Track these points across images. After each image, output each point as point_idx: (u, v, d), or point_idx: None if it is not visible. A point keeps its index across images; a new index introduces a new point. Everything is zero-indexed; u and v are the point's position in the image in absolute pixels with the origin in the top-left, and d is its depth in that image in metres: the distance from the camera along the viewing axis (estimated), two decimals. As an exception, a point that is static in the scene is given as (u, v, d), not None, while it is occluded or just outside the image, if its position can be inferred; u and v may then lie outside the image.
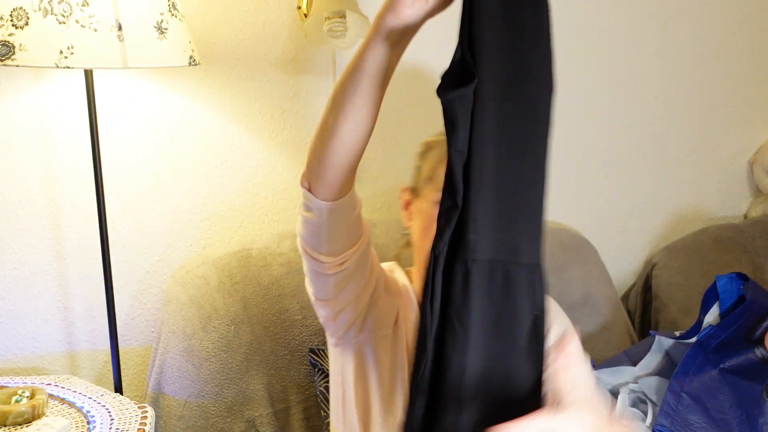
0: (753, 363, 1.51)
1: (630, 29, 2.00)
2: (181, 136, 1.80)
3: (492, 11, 0.99)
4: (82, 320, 1.83)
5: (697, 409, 1.49)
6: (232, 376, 1.62)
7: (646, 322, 1.99)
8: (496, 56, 0.99)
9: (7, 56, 1.39)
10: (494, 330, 0.96)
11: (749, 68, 2.11)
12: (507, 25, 0.99)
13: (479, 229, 0.94)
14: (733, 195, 2.18)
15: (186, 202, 1.83)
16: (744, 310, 1.52)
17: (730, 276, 1.57)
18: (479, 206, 0.94)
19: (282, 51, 1.81)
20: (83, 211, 1.77)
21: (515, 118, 0.97)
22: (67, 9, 1.37)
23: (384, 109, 1.96)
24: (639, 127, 2.07)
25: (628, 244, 2.13)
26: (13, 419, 1.40)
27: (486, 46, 1.00)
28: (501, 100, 0.97)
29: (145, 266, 1.84)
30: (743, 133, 2.15)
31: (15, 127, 1.72)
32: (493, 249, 0.95)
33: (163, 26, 1.45)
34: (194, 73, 1.76)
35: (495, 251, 0.95)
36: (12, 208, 1.75)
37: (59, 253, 1.79)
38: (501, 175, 0.95)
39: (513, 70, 0.98)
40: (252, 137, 1.83)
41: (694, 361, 1.52)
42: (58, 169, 1.75)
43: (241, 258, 1.71)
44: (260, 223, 1.89)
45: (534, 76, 1.01)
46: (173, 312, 1.66)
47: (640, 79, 2.04)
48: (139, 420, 1.46)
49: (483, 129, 0.95)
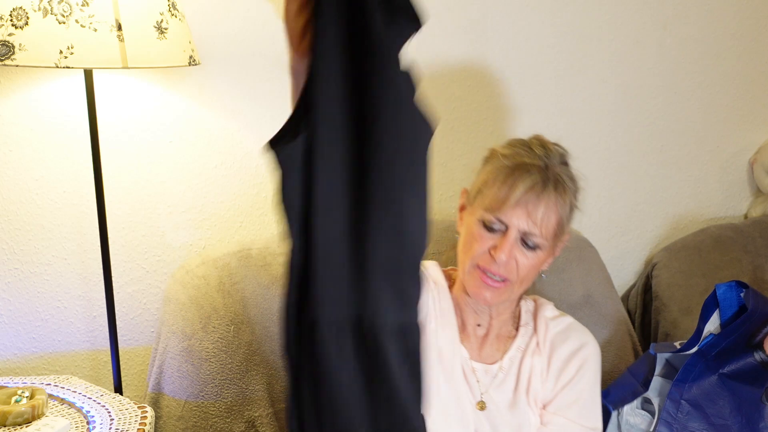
0: (752, 367, 1.50)
1: (630, 29, 2.00)
2: (181, 136, 1.80)
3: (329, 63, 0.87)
4: (82, 320, 1.83)
5: (697, 415, 1.49)
6: (232, 377, 1.62)
7: (647, 322, 1.99)
8: (335, 107, 0.87)
9: (6, 56, 1.39)
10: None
11: (749, 68, 2.11)
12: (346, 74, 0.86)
13: (327, 286, 0.84)
14: (733, 195, 2.18)
15: (186, 201, 1.83)
16: (745, 319, 1.51)
17: (730, 284, 1.57)
18: (326, 262, 0.84)
19: (282, 51, 1.80)
20: (83, 211, 1.77)
21: (370, 166, 0.84)
22: (67, 9, 1.37)
23: (384, 109, 1.95)
24: (639, 127, 2.07)
25: (628, 244, 2.13)
26: (12, 419, 1.40)
27: (324, 97, 0.88)
28: (346, 149, 0.85)
29: (145, 266, 1.84)
30: (743, 133, 2.15)
31: (15, 127, 1.71)
32: (344, 307, 0.84)
33: (163, 26, 1.45)
34: (194, 73, 1.76)
35: (347, 310, 0.84)
36: (12, 208, 1.75)
37: (59, 253, 1.79)
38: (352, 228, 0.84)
39: (356, 118, 0.86)
40: (252, 137, 1.83)
41: (694, 368, 1.51)
42: (58, 169, 1.75)
43: (241, 258, 1.71)
44: (260, 223, 1.89)
45: (383, 121, 0.85)
46: (173, 312, 1.66)
47: (640, 79, 2.04)
48: (138, 420, 1.46)
49: (326, 176, 0.85)
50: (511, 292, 1.37)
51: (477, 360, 1.42)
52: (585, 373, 1.41)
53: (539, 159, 1.33)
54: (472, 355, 1.42)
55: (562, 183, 1.34)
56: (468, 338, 1.43)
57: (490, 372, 1.41)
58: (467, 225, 1.37)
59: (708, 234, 2.01)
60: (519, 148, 1.36)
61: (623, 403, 1.58)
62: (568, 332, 1.44)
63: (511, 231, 1.31)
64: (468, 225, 1.36)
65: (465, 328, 1.44)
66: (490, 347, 1.43)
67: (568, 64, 1.99)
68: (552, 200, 1.32)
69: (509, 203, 1.30)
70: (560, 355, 1.42)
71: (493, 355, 1.43)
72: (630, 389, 1.58)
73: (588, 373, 1.42)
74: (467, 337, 1.43)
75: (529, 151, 1.35)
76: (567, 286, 1.82)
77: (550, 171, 1.33)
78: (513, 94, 1.97)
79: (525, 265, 1.33)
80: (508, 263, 1.32)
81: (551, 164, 1.34)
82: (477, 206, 1.35)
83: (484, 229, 1.33)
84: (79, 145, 1.73)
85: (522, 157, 1.33)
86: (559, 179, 1.33)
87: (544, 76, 1.98)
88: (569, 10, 1.95)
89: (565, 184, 1.34)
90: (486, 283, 1.34)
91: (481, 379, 1.40)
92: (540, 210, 1.31)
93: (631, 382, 1.59)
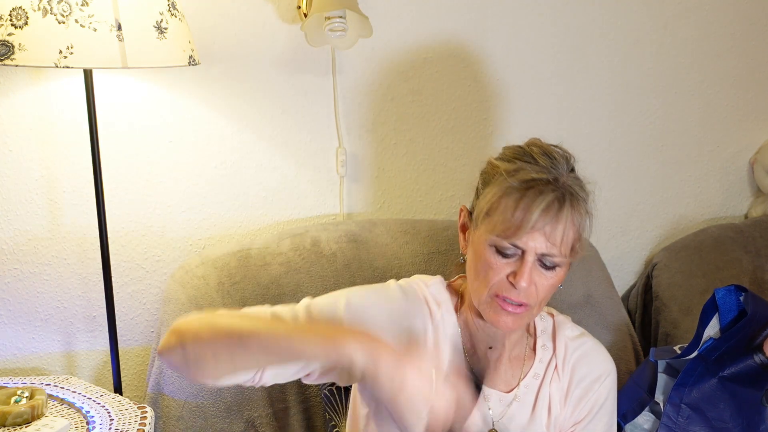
0: (752, 369, 1.50)
1: (630, 29, 2.00)
2: (180, 136, 1.80)
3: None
4: (82, 320, 1.83)
5: (697, 419, 1.48)
6: (232, 377, 1.62)
7: (647, 323, 1.99)
8: None
9: (6, 56, 1.39)
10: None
11: (749, 68, 2.11)
12: None
13: None
14: (733, 195, 2.18)
15: (186, 201, 1.83)
16: (745, 323, 1.51)
17: (729, 288, 1.55)
18: None
19: (282, 51, 1.81)
20: (83, 211, 1.77)
21: None
22: (67, 9, 1.37)
23: (382, 109, 1.96)
24: (639, 127, 2.07)
25: (628, 244, 2.13)
26: (12, 419, 1.40)
27: None
28: None
29: (144, 266, 1.84)
30: (743, 133, 2.15)
31: (15, 127, 1.71)
32: None
33: (163, 26, 1.45)
34: (194, 73, 1.76)
35: None
36: (12, 208, 1.75)
37: (59, 253, 1.79)
38: None
39: None
40: (252, 137, 1.83)
41: (694, 372, 1.50)
42: (58, 169, 1.75)
43: (240, 258, 1.71)
44: (260, 223, 1.89)
45: None
46: (173, 312, 1.65)
47: (640, 79, 2.04)
48: (138, 420, 1.46)
49: None
50: (531, 316, 1.28)
51: (490, 386, 1.33)
52: (605, 404, 1.34)
53: (547, 172, 1.22)
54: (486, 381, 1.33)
55: (575, 196, 1.23)
56: (479, 363, 1.34)
57: (504, 400, 1.32)
58: (476, 250, 1.25)
59: (708, 234, 2.01)
60: (521, 160, 1.24)
61: (634, 415, 1.56)
62: (591, 357, 1.36)
63: (529, 255, 1.21)
64: (478, 251, 1.25)
65: (475, 353, 1.33)
66: (504, 372, 1.34)
67: (568, 64, 1.99)
68: (569, 217, 1.22)
69: (525, 229, 1.19)
70: (581, 382, 1.34)
71: (509, 382, 1.34)
72: (637, 400, 1.57)
73: (608, 403, 1.35)
74: (478, 362, 1.34)
75: (533, 163, 1.23)
76: (567, 286, 1.81)
77: (561, 184, 1.22)
78: (513, 94, 1.97)
79: (545, 286, 1.24)
80: (528, 288, 1.23)
81: (560, 175, 1.23)
82: (485, 230, 1.23)
83: (498, 255, 1.22)
84: (79, 145, 1.73)
85: (528, 173, 1.22)
86: (573, 192, 1.23)
87: (544, 76, 1.98)
88: (569, 10, 1.95)
89: (579, 196, 1.24)
90: (506, 310, 1.24)
91: (493, 407, 1.32)
92: (558, 230, 1.20)
93: (637, 392, 1.58)
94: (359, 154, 1.90)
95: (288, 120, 1.85)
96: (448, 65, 1.91)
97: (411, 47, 1.89)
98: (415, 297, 1.31)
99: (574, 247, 1.24)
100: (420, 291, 1.32)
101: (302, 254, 1.72)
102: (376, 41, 1.82)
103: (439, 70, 1.91)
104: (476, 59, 1.93)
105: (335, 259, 1.73)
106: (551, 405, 1.33)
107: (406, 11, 1.86)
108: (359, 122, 1.89)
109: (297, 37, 1.79)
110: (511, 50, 1.94)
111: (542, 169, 1.23)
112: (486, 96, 1.95)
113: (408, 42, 1.88)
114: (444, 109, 1.93)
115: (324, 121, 1.87)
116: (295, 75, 1.83)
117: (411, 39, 1.88)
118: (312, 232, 1.78)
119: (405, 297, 1.31)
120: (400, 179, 1.96)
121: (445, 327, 1.31)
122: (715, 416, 1.48)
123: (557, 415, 1.33)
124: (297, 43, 1.80)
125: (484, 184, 1.27)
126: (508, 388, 1.33)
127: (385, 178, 1.94)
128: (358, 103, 1.88)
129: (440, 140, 1.95)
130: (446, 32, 1.90)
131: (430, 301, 1.32)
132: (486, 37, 1.92)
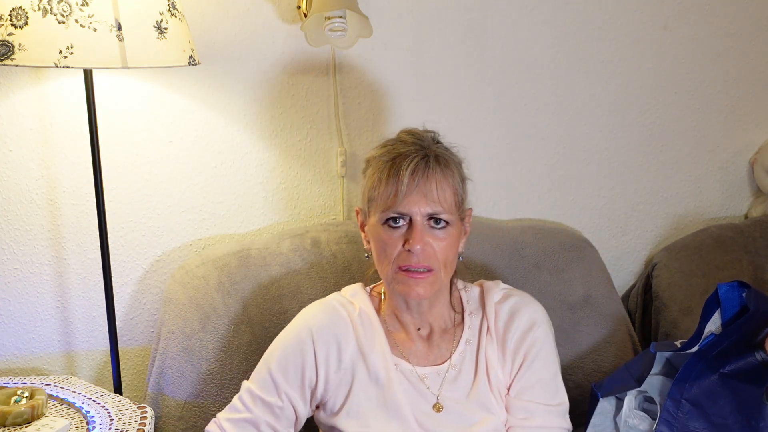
0: (753, 366, 1.50)
1: (630, 29, 2.00)
2: (180, 136, 1.80)
3: None
4: (82, 320, 1.83)
5: (697, 415, 1.48)
6: (232, 377, 1.62)
7: (647, 323, 1.99)
8: None
9: (6, 56, 1.39)
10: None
11: (749, 68, 2.11)
12: None
13: None
14: (733, 195, 2.18)
15: (186, 202, 1.83)
16: (747, 319, 1.51)
17: (732, 284, 1.56)
18: None
19: (282, 51, 1.81)
20: (83, 211, 1.77)
21: None
22: (67, 9, 1.37)
23: (381, 108, 1.96)
24: (639, 127, 2.07)
25: (628, 244, 2.13)
26: (12, 419, 1.40)
27: None
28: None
29: (144, 266, 1.84)
30: (743, 133, 2.15)
31: (15, 127, 1.72)
32: None
33: (163, 26, 1.45)
34: (194, 73, 1.76)
35: None
36: (12, 208, 1.75)
37: (59, 253, 1.79)
38: None
39: None
40: (252, 137, 1.83)
41: (695, 368, 1.50)
42: (58, 169, 1.75)
43: (240, 258, 1.71)
44: (260, 223, 1.89)
45: None
46: (173, 312, 1.66)
47: (640, 79, 2.04)
48: (138, 420, 1.46)
49: None
50: (440, 280, 1.35)
51: (426, 365, 1.40)
52: (540, 352, 1.39)
53: (412, 145, 1.34)
54: (420, 361, 1.40)
55: (442, 157, 1.34)
56: (414, 345, 1.41)
57: (440, 372, 1.39)
58: (374, 236, 1.36)
59: (708, 234, 2.00)
60: (390, 144, 1.36)
61: (612, 393, 1.57)
62: (516, 311, 1.41)
63: (416, 218, 1.31)
64: (375, 235, 1.35)
65: (409, 336, 1.42)
66: (438, 347, 1.41)
67: (568, 64, 1.99)
68: (440, 174, 1.32)
69: (401, 193, 1.29)
70: (512, 336, 1.40)
71: (443, 355, 1.41)
72: (622, 383, 1.57)
73: (543, 351, 1.40)
74: (413, 344, 1.41)
75: (400, 143, 1.35)
76: (567, 286, 1.82)
77: (426, 150, 1.33)
78: (513, 94, 1.97)
79: (442, 247, 1.32)
80: (425, 250, 1.31)
81: (425, 146, 1.34)
82: (374, 213, 1.34)
83: (390, 229, 1.32)
84: (79, 145, 1.73)
85: (397, 149, 1.33)
86: (438, 154, 1.34)
87: (544, 76, 1.98)
88: (569, 10, 1.95)
89: (446, 158, 1.35)
90: (414, 278, 1.32)
91: (431, 383, 1.38)
92: (433, 187, 1.30)
93: (626, 377, 1.58)
94: (359, 154, 1.90)
95: (288, 120, 1.85)
96: (448, 65, 1.91)
97: (411, 47, 1.89)
98: (330, 308, 1.43)
99: (458, 206, 1.34)
100: (332, 299, 1.45)
101: (302, 255, 1.72)
102: (376, 41, 1.82)
103: (438, 70, 1.91)
104: (476, 59, 1.93)
105: (335, 260, 1.73)
106: (489, 368, 1.39)
107: (406, 11, 1.86)
108: (359, 122, 1.89)
109: (297, 37, 1.79)
110: (511, 50, 1.94)
111: (408, 144, 1.34)
112: (486, 96, 1.95)
113: (408, 42, 1.88)
114: (444, 110, 1.93)
115: (324, 121, 1.87)
116: (295, 75, 1.83)
117: (411, 39, 1.88)
118: (312, 232, 1.78)
119: (321, 314, 1.42)
120: (400, 179, 1.95)
121: (373, 330, 1.41)
122: (715, 412, 1.48)
123: (498, 377, 1.39)
124: (297, 43, 1.80)
125: (364, 175, 1.38)
126: (443, 361, 1.40)
127: (385, 178, 1.94)
128: (358, 103, 1.88)
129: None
130: (446, 32, 1.90)
131: (344, 303, 1.43)
132: (486, 37, 1.92)
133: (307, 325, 1.41)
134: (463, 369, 1.40)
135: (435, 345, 1.41)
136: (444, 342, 1.42)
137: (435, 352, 1.41)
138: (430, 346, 1.41)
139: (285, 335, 1.42)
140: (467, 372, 1.39)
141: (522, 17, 1.93)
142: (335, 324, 1.40)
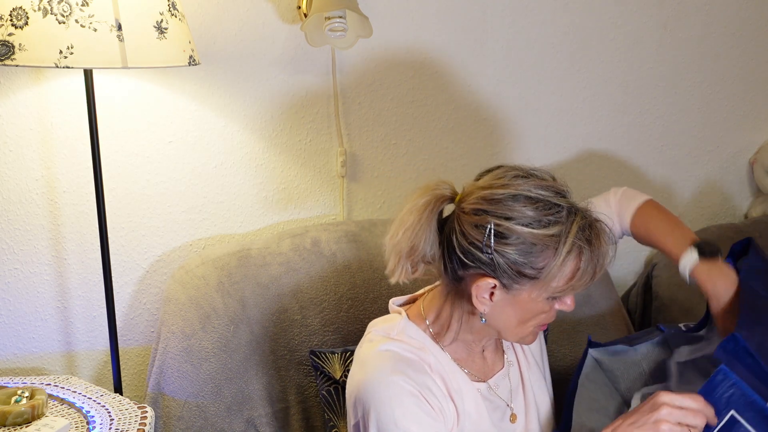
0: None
1: (630, 29, 2.00)
2: (180, 136, 1.80)
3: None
4: (82, 320, 1.83)
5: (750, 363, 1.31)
6: (232, 376, 1.62)
7: (647, 323, 1.99)
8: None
9: (6, 56, 1.39)
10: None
11: (749, 68, 2.11)
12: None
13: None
14: (733, 195, 2.18)
15: (186, 202, 1.83)
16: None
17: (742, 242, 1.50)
18: None
19: (282, 51, 1.81)
20: (83, 211, 1.77)
21: None
22: (67, 9, 1.37)
23: (382, 109, 1.96)
24: (639, 127, 2.07)
25: (628, 244, 2.13)
26: (12, 419, 1.40)
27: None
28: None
29: (144, 266, 1.84)
30: (743, 133, 2.15)
31: (15, 127, 1.72)
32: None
33: (163, 26, 1.45)
34: (194, 73, 1.76)
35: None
36: (12, 208, 1.75)
37: (59, 253, 1.79)
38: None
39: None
40: (252, 137, 1.83)
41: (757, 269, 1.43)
42: (58, 169, 1.75)
43: (240, 258, 1.71)
44: (260, 223, 1.89)
45: None
46: (173, 312, 1.66)
47: (640, 79, 2.04)
48: (138, 420, 1.46)
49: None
50: None
51: (492, 377, 1.38)
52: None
53: (574, 209, 1.22)
54: (487, 376, 1.38)
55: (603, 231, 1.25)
56: (481, 368, 1.38)
57: (505, 376, 1.39)
58: (523, 306, 1.25)
59: (708, 234, 2.00)
60: (553, 214, 1.21)
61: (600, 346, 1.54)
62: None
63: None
64: (525, 306, 1.25)
65: (470, 355, 1.38)
66: (495, 355, 1.41)
67: (568, 64, 1.99)
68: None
69: (598, 275, 1.24)
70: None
71: (501, 360, 1.41)
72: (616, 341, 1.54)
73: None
74: (480, 368, 1.38)
75: (559, 208, 1.21)
76: (567, 286, 1.82)
77: (586, 214, 1.24)
78: (513, 95, 1.97)
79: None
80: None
81: (576, 204, 1.24)
82: (543, 290, 1.22)
83: (552, 300, 1.26)
84: (79, 145, 1.74)
85: (572, 220, 1.20)
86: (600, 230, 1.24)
87: (544, 76, 1.98)
88: (569, 10, 1.95)
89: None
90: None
91: (502, 393, 1.38)
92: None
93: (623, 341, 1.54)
94: (359, 154, 1.91)
95: (288, 120, 1.85)
96: (448, 65, 1.91)
97: (411, 47, 1.89)
98: (406, 360, 1.28)
99: None
100: (401, 351, 1.29)
101: (302, 254, 1.73)
102: (376, 41, 1.82)
103: (438, 70, 1.92)
104: (476, 59, 1.93)
105: (335, 260, 1.73)
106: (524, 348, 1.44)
107: (406, 11, 1.86)
108: (359, 122, 1.89)
109: (297, 37, 1.79)
110: (511, 50, 1.94)
111: (570, 207, 1.22)
112: (486, 96, 1.95)
113: (408, 42, 1.88)
114: (444, 110, 1.94)
115: (324, 121, 1.87)
116: (295, 75, 1.83)
117: (411, 39, 1.88)
118: (312, 232, 1.78)
119: (406, 368, 1.27)
120: (400, 179, 1.96)
121: (448, 372, 1.32)
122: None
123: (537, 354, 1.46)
124: (297, 43, 1.80)
125: (535, 253, 1.20)
126: (502, 366, 1.41)
127: (385, 179, 1.94)
128: (358, 103, 1.88)
129: (440, 140, 1.95)
130: (446, 32, 1.90)
131: (415, 352, 1.29)
132: (486, 37, 1.92)
133: (393, 380, 1.24)
134: (516, 360, 1.43)
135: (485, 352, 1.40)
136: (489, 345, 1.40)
137: (490, 357, 1.40)
138: (483, 356, 1.39)
139: (382, 406, 1.22)
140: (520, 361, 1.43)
141: (522, 17, 1.93)
142: (417, 374, 1.27)
